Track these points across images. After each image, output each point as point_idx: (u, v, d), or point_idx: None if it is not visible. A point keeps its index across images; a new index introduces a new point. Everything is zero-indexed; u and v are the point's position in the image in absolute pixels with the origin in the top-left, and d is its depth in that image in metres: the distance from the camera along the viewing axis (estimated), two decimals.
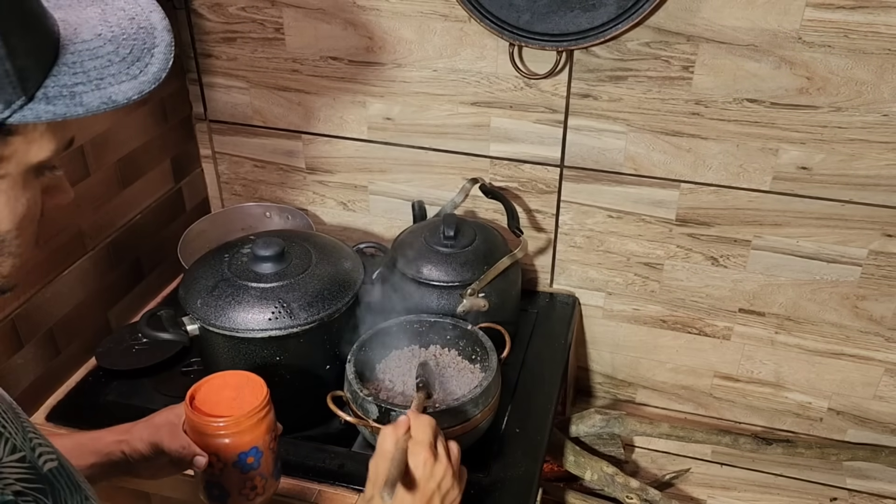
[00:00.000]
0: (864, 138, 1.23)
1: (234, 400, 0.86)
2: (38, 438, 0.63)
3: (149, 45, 0.51)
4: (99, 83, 0.48)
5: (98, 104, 0.48)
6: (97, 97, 0.48)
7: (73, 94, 0.48)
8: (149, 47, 0.51)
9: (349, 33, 1.37)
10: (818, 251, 1.35)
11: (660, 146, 1.33)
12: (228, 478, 0.86)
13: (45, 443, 0.63)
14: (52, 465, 0.61)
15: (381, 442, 0.81)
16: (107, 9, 0.53)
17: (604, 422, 1.48)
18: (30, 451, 0.59)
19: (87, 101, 0.48)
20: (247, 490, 0.88)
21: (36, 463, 0.59)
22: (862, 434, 1.52)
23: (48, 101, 0.47)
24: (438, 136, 1.44)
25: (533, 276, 1.54)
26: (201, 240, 1.45)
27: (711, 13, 1.20)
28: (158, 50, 0.51)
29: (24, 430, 0.61)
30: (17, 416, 0.62)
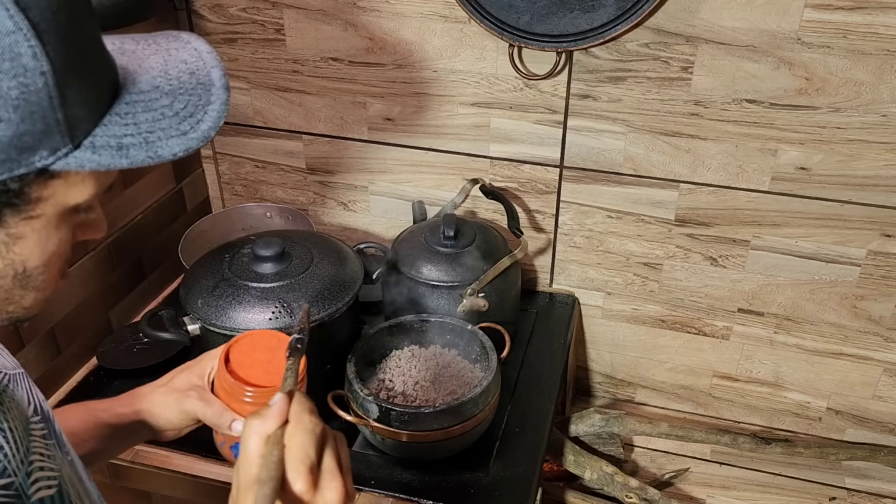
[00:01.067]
0: (863, 139, 1.23)
1: (269, 363, 0.82)
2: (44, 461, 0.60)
3: (204, 102, 0.51)
4: (148, 136, 0.48)
5: (143, 158, 0.48)
6: (143, 151, 0.48)
7: (121, 145, 0.48)
8: (204, 104, 0.51)
9: (349, 34, 1.38)
10: (817, 251, 1.35)
11: (659, 147, 1.33)
12: None
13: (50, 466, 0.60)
14: (47, 492, 0.58)
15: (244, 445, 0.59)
16: (169, 60, 0.54)
17: (603, 421, 1.49)
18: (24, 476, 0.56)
19: (132, 154, 0.48)
20: None
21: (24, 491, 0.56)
22: (861, 434, 1.53)
23: (94, 150, 0.47)
24: (438, 137, 1.44)
25: (533, 276, 1.55)
26: (202, 240, 1.46)
27: (710, 14, 1.20)
28: (213, 108, 0.51)
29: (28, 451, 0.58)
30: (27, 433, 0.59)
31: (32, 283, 0.52)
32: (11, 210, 0.47)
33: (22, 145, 0.45)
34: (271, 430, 0.58)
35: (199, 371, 0.85)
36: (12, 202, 0.47)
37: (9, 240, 0.49)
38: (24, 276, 0.51)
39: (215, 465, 1.13)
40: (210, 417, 0.81)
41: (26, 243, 0.49)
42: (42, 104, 0.45)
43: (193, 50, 0.55)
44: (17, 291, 0.52)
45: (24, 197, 0.47)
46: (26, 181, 0.46)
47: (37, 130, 0.45)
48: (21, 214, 0.48)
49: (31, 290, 0.53)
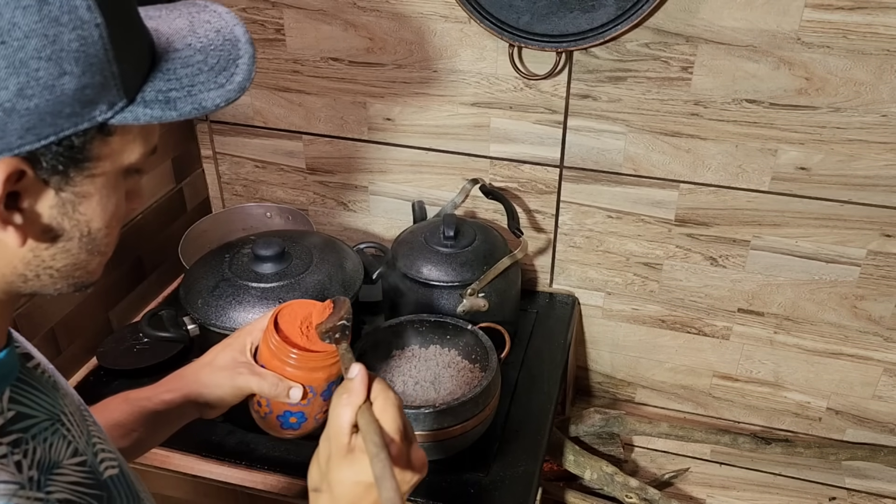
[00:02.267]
0: (863, 139, 1.23)
1: (310, 329, 0.83)
2: (102, 444, 0.63)
3: (234, 57, 0.54)
4: (190, 90, 0.51)
5: (190, 109, 0.51)
6: (189, 103, 0.51)
7: (168, 99, 0.50)
8: (234, 58, 0.54)
9: (349, 34, 1.38)
10: (817, 251, 1.35)
11: (659, 147, 1.33)
12: (313, 406, 0.84)
13: (109, 449, 0.63)
14: (113, 472, 0.62)
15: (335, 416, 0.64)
16: (194, 21, 0.56)
17: (603, 421, 1.49)
18: (92, 455, 0.60)
19: (180, 107, 0.50)
20: (319, 414, 0.86)
21: (97, 468, 0.60)
22: (861, 434, 1.53)
23: (146, 104, 0.50)
24: (438, 137, 1.44)
25: (533, 276, 1.55)
26: (202, 240, 1.46)
27: (710, 14, 1.20)
28: (242, 61, 0.54)
29: (89, 435, 0.62)
30: (83, 419, 0.62)
31: (97, 247, 0.54)
32: (76, 168, 0.49)
33: (85, 99, 0.46)
34: (360, 403, 0.63)
35: (240, 347, 0.86)
36: (77, 158, 0.48)
37: (75, 199, 0.50)
38: (90, 238, 0.53)
39: (215, 465, 1.13)
40: (267, 389, 0.83)
41: (90, 203, 0.51)
42: (99, 57, 0.46)
43: (213, 12, 0.57)
44: (82, 255, 0.53)
45: (87, 153, 0.49)
46: (88, 137, 0.48)
47: (96, 83, 0.47)
48: (85, 172, 0.50)
49: (95, 254, 0.55)
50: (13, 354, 0.56)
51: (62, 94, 0.45)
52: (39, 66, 0.44)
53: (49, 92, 0.45)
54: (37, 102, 0.44)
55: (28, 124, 0.45)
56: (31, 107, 0.44)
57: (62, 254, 0.52)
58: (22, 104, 0.44)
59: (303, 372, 0.82)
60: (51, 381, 0.61)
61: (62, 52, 0.44)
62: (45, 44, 0.44)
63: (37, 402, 0.57)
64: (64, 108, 0.46)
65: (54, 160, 0.47)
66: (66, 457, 0.56)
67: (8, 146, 0.45)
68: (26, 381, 0.57)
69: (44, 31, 0.43)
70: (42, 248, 0.51)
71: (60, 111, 0.46)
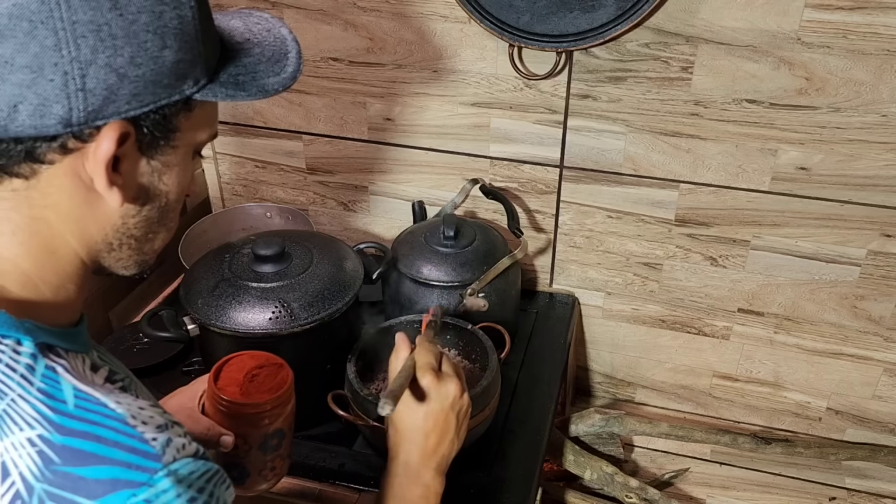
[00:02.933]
0: (863, 139, 1.23)
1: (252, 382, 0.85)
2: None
3: (284, 51, 0.61)
4: (254, 75, 0.58)
5: (255, 91, 0.57)
6: (254, 86, 0.57)
7: (237, 81, 0.57)
8: (284, 52, 0.61)
9: (349, 34, 1.38)
10: (817, 251, 1.35)
11: (659, 147, 1.33)
12: (252, 460, 0.85)
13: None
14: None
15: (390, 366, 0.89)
16: (247, 22, 0.63)
17: (603, 421, 1.49)
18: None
19: (248, 89, 0.57)
20: (266, 471, 0.87)
21: None
22: (861, 434, 1.53)
23: (221, 84, 0.56)
24: (438, 137, 1.44)
25: (532, 276, 1.55)
26: (202, 240, 1.46)
27: (710, 14, 1.20)
28: (291, 55, 0.61)
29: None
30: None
31: (167, 219, 0.60)
32: (165, 138, 0.55)
33: (178, 72, 0.52)
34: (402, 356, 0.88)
35: (191, 394, 0.90)
36: (167, 128, 0.54)
37: (161, 168, 0.56)
38: (166, 208, 0.59)
39: None
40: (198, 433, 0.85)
41: (171, 174, 0.57)
42: (191, 35, 0.53)
43: (260, 16, 0.64)
44: (156, 226, 0.59)
45: (174, 125, 0.55)
46: (176, 109, 0.54)
47: (188, 59, 0.53)
48: (171, 143, 0.55)
49: (163, 229, 0.60)
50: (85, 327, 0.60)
51: (163, 66, 0.51)
52: (147, 39, 0.50)
53: (154, 62, 0.50)
54: (143, 71, 0.50)
55: (135, 90, 0.50)
56: (140, 74, 0.50)
57: (144, 222, 0.57)
58: (133, 71, 0.50)
59: (233, 421, 0.83)
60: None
61: (165, 27, 0.50)
62: (152, 19, 0.50)
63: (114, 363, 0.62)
64: (163, 78, 0.51)
65: (151, 127, 0.53)
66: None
67: (117, 110, 0.50)
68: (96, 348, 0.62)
69: (152, 7, 0.50)
70: (130, 214, 0.56)
71: (160, 81, 0.51)
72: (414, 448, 0.85)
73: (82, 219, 0.54)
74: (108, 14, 0.48)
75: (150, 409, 0.53)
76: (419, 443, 0.85)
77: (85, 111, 0.49)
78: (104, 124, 0.50)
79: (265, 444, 0.85)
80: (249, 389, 0.84)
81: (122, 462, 0.48)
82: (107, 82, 0.49)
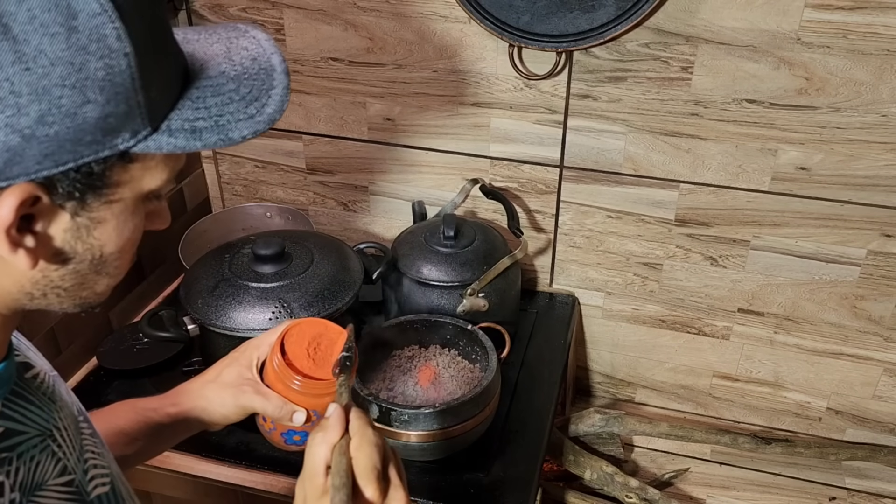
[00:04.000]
0: (863, 139, 1.23)
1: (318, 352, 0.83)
2: (96, 459, 0.61)
3: (267, 87, 0.53)
4: (218, 120, 0.50)
5: (215, 140, 0.50)
6: (215, 134, 0.50)
7: (194, 129, 0.49)
8: (267, 88, 0.53)
9: (350, 34, 1.38)
10: (817, 251, 1.35)
11: (659, 147, 1.33)
12: None
13: (102, 464, 0.62)
14: (103, 489, 0.60)
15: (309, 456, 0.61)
16: (231, 47, 0.55)
17: (603, 421, 1.49)
18: (81, 473, 0.59)
19: (205, 137, 0.50)
20: None
21: (84, 487, 0.58)
22: (861, 434, 1.53)
23: (171, 133, 0.49)
24: (438, 137, 1.44)
25: (533, 276, 1.55)
26: (202, 240, 1.46)
27: (710, 14, 1.20)
28: (276, 92, 0.53)
29: (82, 449, 0.60)
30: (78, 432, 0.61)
31: (107, 269, 0.54)
32: (94, 194, 0.48)
33: (107, 127, 0.46)
34: (336, 441, 0.60)
35: (246, 362, 0.85)
36: (95, 185, 0.48)
37: (90, 224, 0.50)
38: (101, 261, 0.52)
39: (215, 465, 1.13)
40: (271, 411, 0.82)
41: (105, 228, 0.51)
42: (125, 86, 0.46)
43: (252, 38, 0.56)
44: (91, 276, 0.53)
45: (106, 180, 0.48)
46: (109, 164, 0.48)
47: (120, 112, 0.46)
48: (102, 198, 0.49)
49: (104, 276, 0.54)
50: (11, 367, 0.55)
51: (84, 122, 0.45)
52: (63, 94, 0.43)
53: (70, 119, 0.44)
54: (57, 129, 0.44)
55: (47, 150, 0.44)
56: (51, 133, 0.44)
57: (71, 275, 0.52)
58: (42, 131, 0.44)
59: (307, 398, 0.82)
60: (48, 392, 0.59)
61: (87, 80, 0.44)
62: (70, 71, 0.43)
63: (28, 416, 0.55)
64: (85, 135, 0.45)
65: (71, 186, 0.47)
66: (52, 476, 0.55)
67: (25, 171, 0.44)
68: (21, 394, 0.56)
69: (70, 58, 0.43)
70: (52, 269, 0.50)
71: (81, 139, 0.45)
72: None
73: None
74: (10, 69, 0.42)
75: None
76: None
77: None
78: (6, 185, 0.44)
79: None
80: (317, 361, 0.82)
81: None
82: (7, 144, 0.43)
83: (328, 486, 0.58)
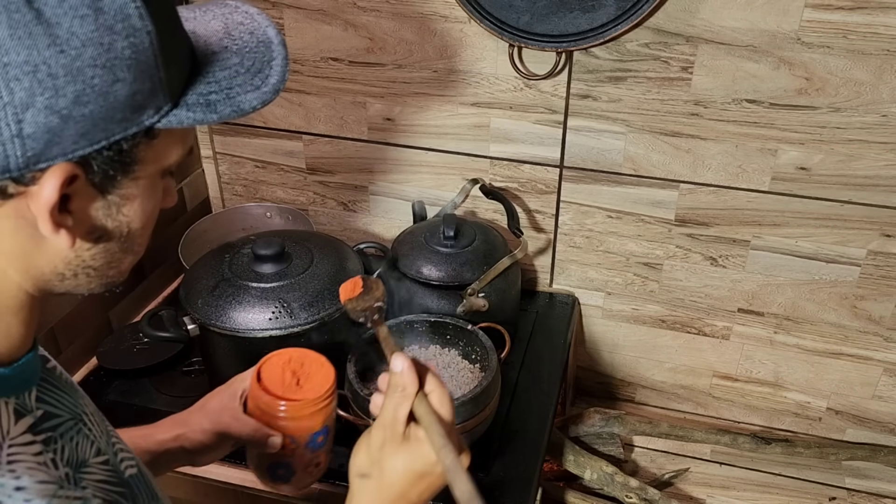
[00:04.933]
0: (863, 139, 1.23)
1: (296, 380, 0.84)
2: (120, 444, 0.64)
3: (268, 59, 0.55)
4: (229, 92, 0.52)
5: (229, 112, 0.52)
6: (228, 105, 0.52)
7: (208, 102, 0.52)
8: (268, 60, 0.55)
9: (349, 34, 1.38)
10: (817, 251, 1.35)
11: (659, 147, 1.33)
12: (298, 457, 0.85)
13: (127, 449, 0.65)
14: (133, 471, 0.63)
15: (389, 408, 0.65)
16: (228, 23, 0.57)
17: (603, 421, 1.49)
18: (112, 455, 0.61)
19: (219, 109, 0.52)
20: (311, 467, 0.86)
21: (118, 467, 0.61)
22: (861, 434, 1.53)
23: (188, 108, 0.51)
24: (438, 137, 1.44)
25: (533, 276, 1.55)
26: (202, 240, 1.46)
27: (710, 14, 1.20)
28: (276, 63, 0.55)
29: (108, 434, 0.63)
30: (102, 419, 0.64)
31: (132, 246, 0.56)
32: (123, 171, 0.50)
33: (134, 104, 0.48)
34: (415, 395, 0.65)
35: (231, 392, 0.87)
36: (125, 162, 0.50)
37: (120, 201, 0.52)
38: (129, 238, 0.55)
39: (215, 464, 1.12)
40: (245, 436, 0.84)
41: (133, 205, 0.53)
42: (148, 63, 0.48)
43: (245, 13, 0.58)
44: (119, 255, 0.55)
45: (134, 157, 0.50)
46: (136, 141, 0.50)
47: (145, 89, 0.48)
48: (130, 175, 0.51)
49: (130, 254, 0.57)
50: (37, 355, 0.57)
51: (115, 101, 0.46)
52: (95, 74, 0.45)
53: (103, 98, 0.46)
54: (91, 109, 0.46)
55: (82, 130, 0.46)
56: (87, 113, 0.45)
57: (102, 253, 0.54)
58: (78, 111, 0.45)
59: (284, 422, 0.82)
60: (68, 382, 0.62)
61: (116, 59, 0.46)
62: (100, 52, 0.45)
63: (60, 401, 0.58)
64: (116, 113, 0.47)
65: (104, 164, 0.49)
66: (91, 455, 0.58)
67: (63, 151, 0.46)
68: (49, 382, 0.58)
69: (99, 39, 0.45)
70: (85, 248, 0.52)
71: (112, 117, 0.47)
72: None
73: (27, 256, 0.50)
74: (46, 52, 0.43)
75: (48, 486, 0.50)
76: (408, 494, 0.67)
77: (24, 157, 0.45)
78: (48, 167, 0.46)
79: (312, 442, 0.84)
80: (293, 388, 0.83)
81: None
82: (48, 125, 0.44)
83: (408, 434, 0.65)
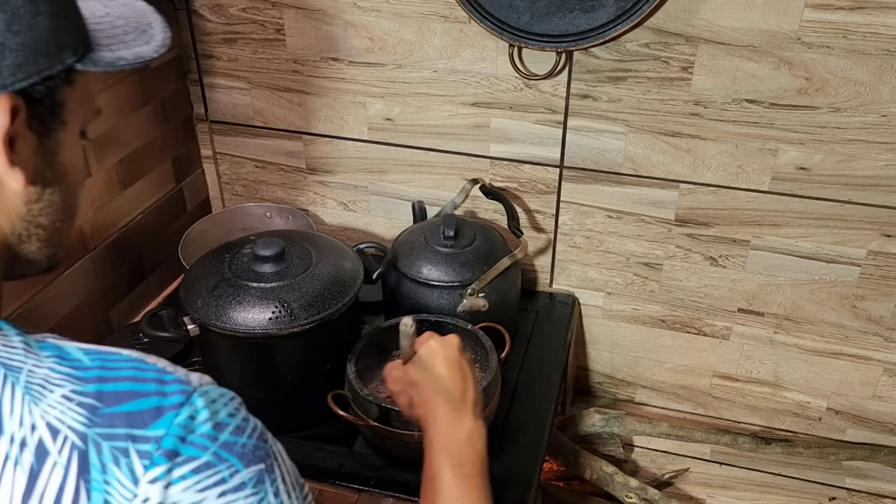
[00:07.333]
0: (863, 139, 1.23)
1: None
2: None
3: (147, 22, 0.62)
4: (126, 45, 0.58)
5: (133, 58, 0.58)
6: (131, 54, 0.58)
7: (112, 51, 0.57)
8: (148, 23, 0.62)
9: (349, 34, 1.38)
10: (817, 251, 1.35)
11: (659, 147, 1.33)
12: None
13: None
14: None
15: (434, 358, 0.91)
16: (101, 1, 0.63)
17: (603, 421, 1.49)
18: None
19: (125, 56, 0.57)
20: None
21: None
22: (861, 434, 1.53)
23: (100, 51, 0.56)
24: (438, 137, 1.44)
25: (533, 276, 1.55)
26: (202, 240, 1.46)
27: (710, 14, 1.20)
28: (156, 24, 0.62)
29: None
30: None
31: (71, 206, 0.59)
32: (51, 114, 0.54)
33: (57, 40, 0.52)
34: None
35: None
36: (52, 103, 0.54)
37: (54, 146, 0.55)
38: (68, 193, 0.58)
39: None
40: None
41: (65, 152, 0.57)
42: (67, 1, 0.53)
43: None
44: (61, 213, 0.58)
45: (59, 98, 0.54)
46: (58, 82, 0.53)
47: (63, 25, 0.52)
48: (59, 118, 0.55)
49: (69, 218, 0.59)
50: None
51: (40, 33, 0.50)
52: (20, 4, 0.49)
53: (31, 30, 0.49)
54: (23, 39, 0.49)
55: (18, 60, 0.49)
56: (19, 42, 0.49)
57: (48, 207, 0.56)
58: (11, 40, 0.49)
59: None
60: None
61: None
62: None
63: None
64: (42, 46, 0.51)
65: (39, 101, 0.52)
66: None
67: (3, 83, 0.49)
68: None
69: None
70: (33, 199, 0.55)
71: (40, 49, 0.50)
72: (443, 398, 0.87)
73: None
74: None
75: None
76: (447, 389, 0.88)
77: None
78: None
79: None
80: None
81: (157, 392, 0.51)
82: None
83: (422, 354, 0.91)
